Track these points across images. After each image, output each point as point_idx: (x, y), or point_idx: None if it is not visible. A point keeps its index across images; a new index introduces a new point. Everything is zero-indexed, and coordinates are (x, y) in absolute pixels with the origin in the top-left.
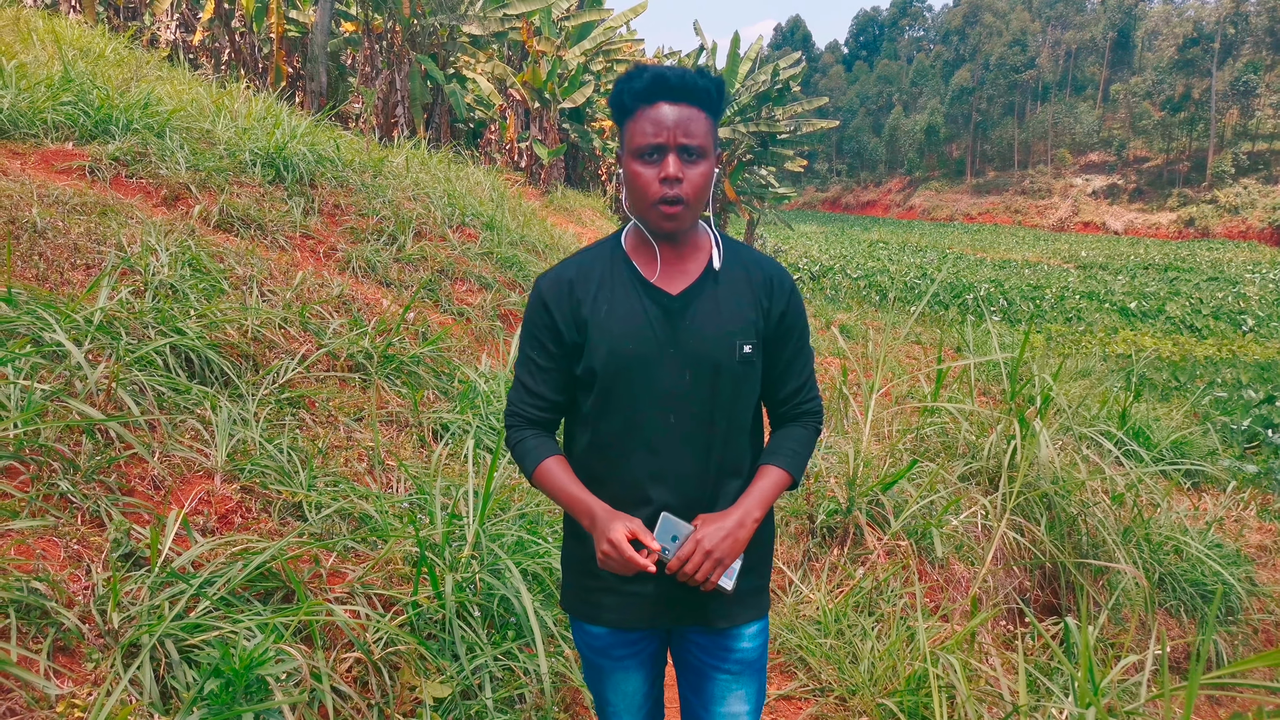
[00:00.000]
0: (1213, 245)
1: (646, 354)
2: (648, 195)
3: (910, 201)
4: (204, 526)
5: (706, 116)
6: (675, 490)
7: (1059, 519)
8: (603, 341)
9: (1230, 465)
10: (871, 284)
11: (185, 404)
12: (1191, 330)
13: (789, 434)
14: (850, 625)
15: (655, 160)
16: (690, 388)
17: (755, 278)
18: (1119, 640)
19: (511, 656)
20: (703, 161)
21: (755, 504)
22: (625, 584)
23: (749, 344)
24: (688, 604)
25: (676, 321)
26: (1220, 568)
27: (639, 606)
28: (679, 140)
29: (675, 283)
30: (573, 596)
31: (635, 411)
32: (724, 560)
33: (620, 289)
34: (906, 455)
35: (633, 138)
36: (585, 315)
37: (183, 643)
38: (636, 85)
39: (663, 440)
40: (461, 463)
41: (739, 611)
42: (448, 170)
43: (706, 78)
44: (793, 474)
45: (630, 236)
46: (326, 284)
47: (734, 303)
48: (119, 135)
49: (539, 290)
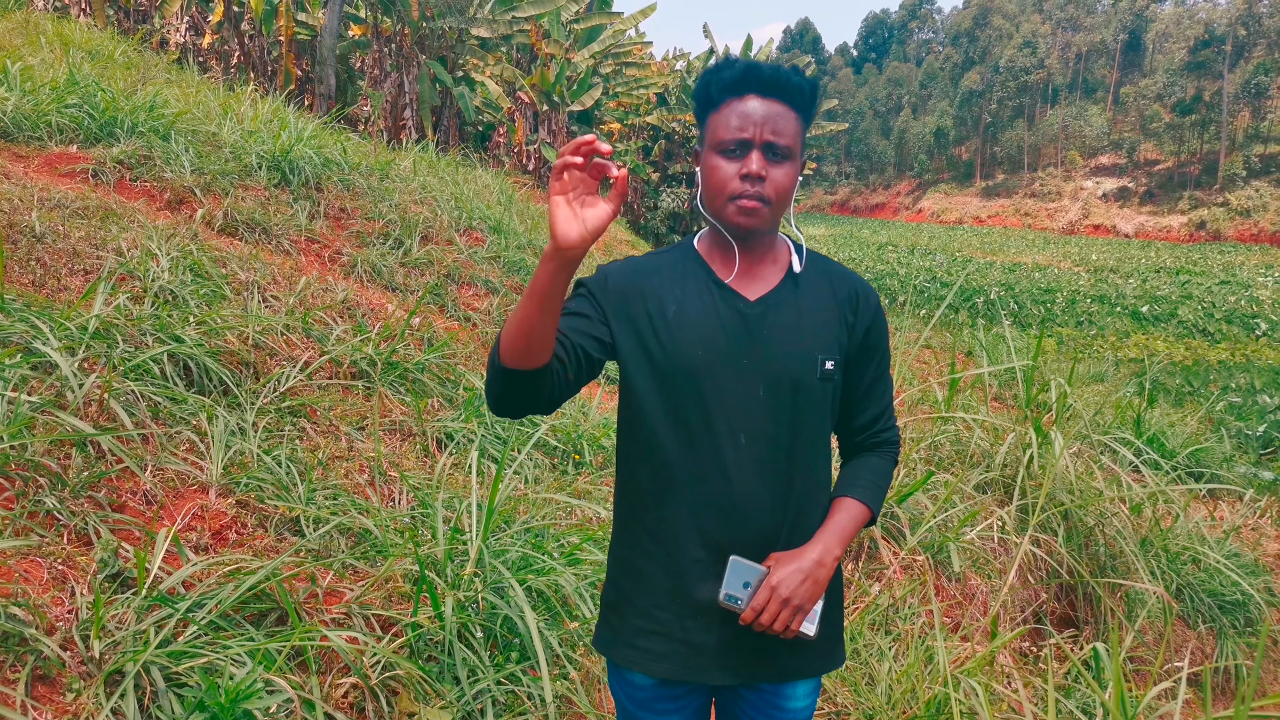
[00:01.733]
0: (1224, 248)
1: (717, 363)
2: (725, 190)
3: (919, 204)
4: (197, 543)
5: (797, 116)
6: (745, 524)
7: (1076, 530)
8: (668, 345)
9: (1246, 472)
10: (881, 287)
11: (181, 414)
12: (1204, 334)
13: (866, 464)
14: (866, 645)
15: (738, 156)
16: (765, 405)
17: (840, 290)
18: (1139, 654)
19: (515, 679)
20: (788, 163)
21: (835, 540)
22: (685, 632)
23: (831, 360)
24: (756, 656)
25: (753, 330)
26: (1239, 578)
27: (697, 657)
28: (766, 137)
29: (753, 287)
30: (615, 639)
31: (703, 429)
32: (804, 606)
33: (692, 289)
34: (921, 465)
35: (715, 131)
36: (650, 312)
37: (171, 669)
38: (726, 76)
39: (733, 464)
40: (465, 474)
41: (809, 663)
42: (455, 173)
43: (801, 76)
44: (872, 508)
45: (704, 239)
46: (331, 289)
47: (817, 314)
48: (124, 138)
49: (603, 270)
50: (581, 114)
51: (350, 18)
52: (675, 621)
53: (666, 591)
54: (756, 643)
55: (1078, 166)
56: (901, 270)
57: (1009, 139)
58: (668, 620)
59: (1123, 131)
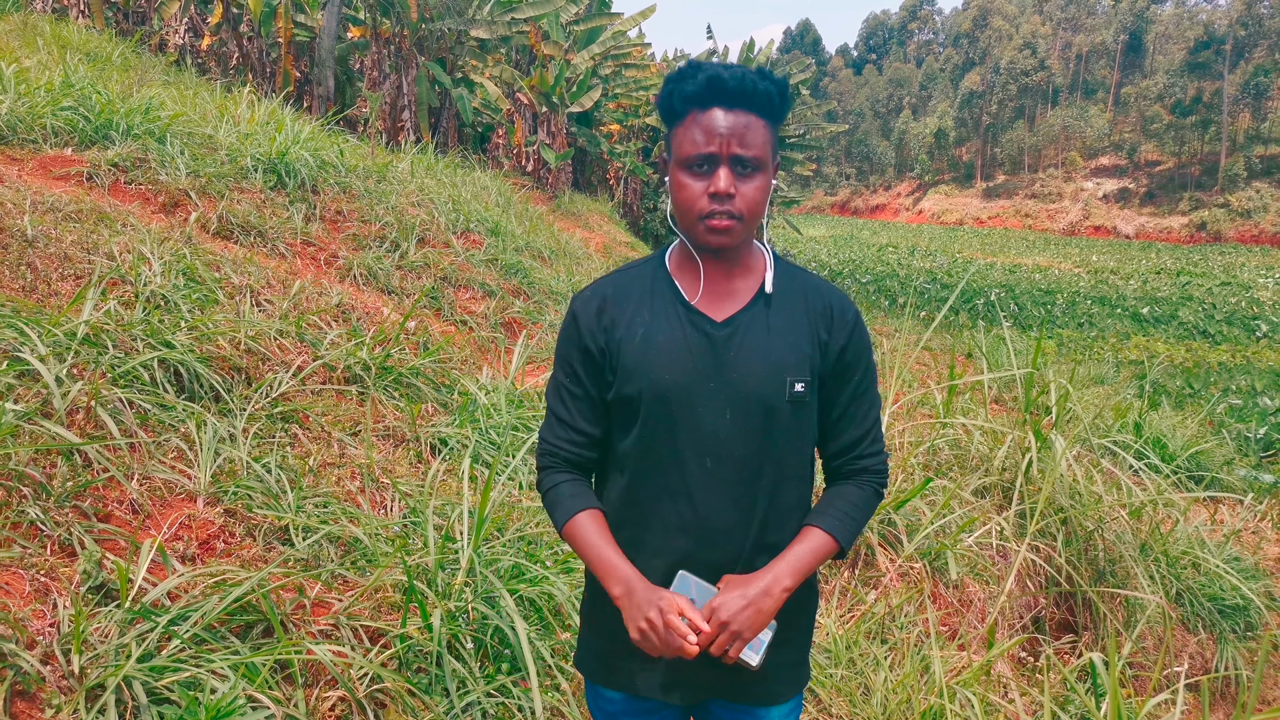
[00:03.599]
0: (1225, 249)
1: (684, 387)
2: (694, 209)
3: (920, 205)
4: (183, 553)
5: (766, 124)
6: (710, 546)
7: (1075, 535)
8: (636, 370)
9: (1246, 475)
10: (881, 289)
11: (170, 421)
12: (1204, 336)
13: (842, 493)
14: (862, 654)
15: (705, 172)
16: (732, 428)
17: (814, 305)
18: (1139, 660)
19: (505, 691)
20: (759, 174)
21: (787, 571)
22: (646, 653)
23: (801, 381)
24: (717, 677)
25: (720, 351)
26: (1239, 582)
27: (663, 675)
28: (733, 150)
29: (721, 307)
30: (591, 658)
31: (670, 453)
32: (742, 634)
33: (659, 311)
34: (919, 470)
35: (680, 145)
36: (619, 338)
37: (152, 684)
38: (688, 87)
39: (699, 488)
40: (458, 480)
41: (772, 689)
42: (453, 175)
43: (768, 79)
44: (839, 540)
45: (675, 254)
46: (325, 292)
47: (787, 333)
48: (119, 141)
49: (572, 309)
50: (581, 115)
51: (349, 19)
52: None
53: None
54: (702, 664)
55: (1078, 167)
56: (902, 272)
57: (1009, 140)
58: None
59: (1123, 132)
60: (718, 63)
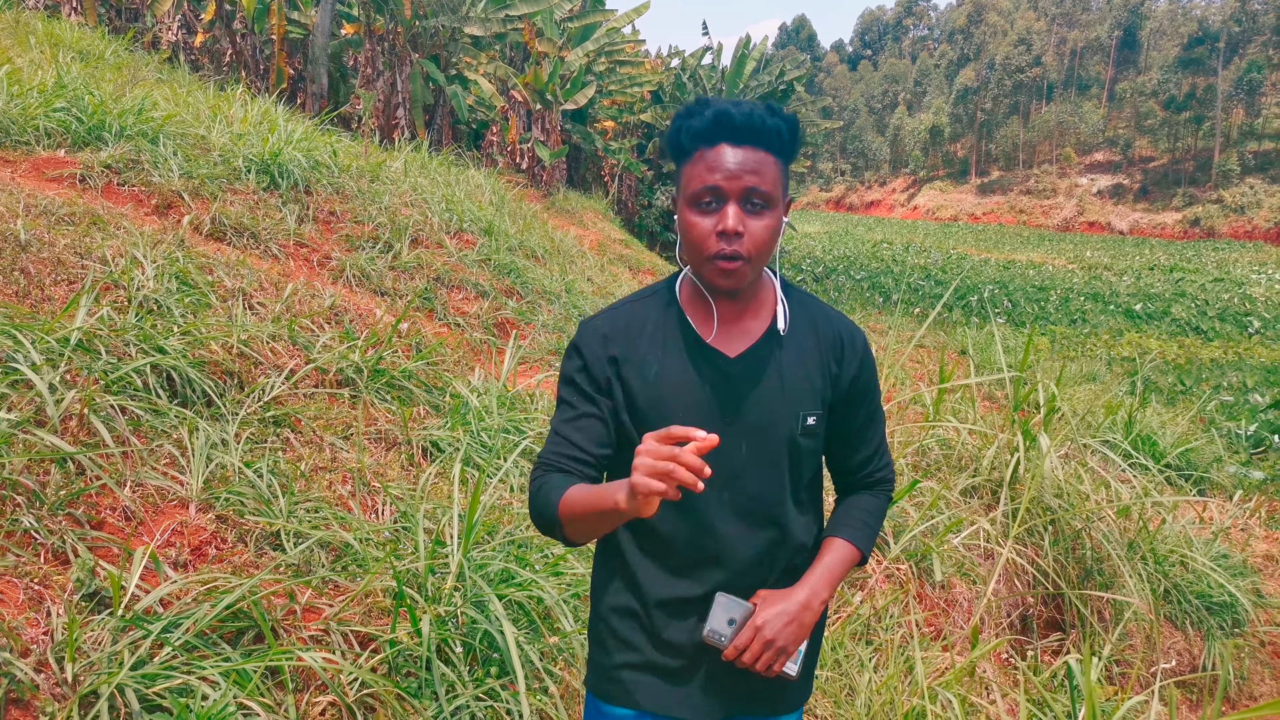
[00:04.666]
0: (1218, 245)
1: (698, 423)
2: (703, 249)
3: (914, 201)
4: (176, 560)
5: (776, 161)
6: (733, 575)
7: (1063, 534)
8: (651, 408)
9: (1236, 472)
10: (875, 285)
11: (163, 427)
12: (1197, 332)
13: (858, 503)
14: (847, 655)
15: (713, 209)
16: (747, 463)
17: (824, 337)
18: (1126, 657)
19: (494, 695)
20: (768, 213)
21: (822, 583)
22: (665, 666)
23: (814, 415)
24: (739, 692)
25: (735, 388)
26: (1225, 580)
27: (676, 691)
28: (741, 187)
29: (734, 343)
30: (599, 674)
31: (686, 491)
32: (787, 648)
33: (672, 348)
34: (908, 471)
35: (689, 183)
36: (628, 376)
37: (147, 690)
38: (696, 124)
39: (717, 520)
40: (450, 484)
41: (789, 697)
42: (447, 174)
43: (778, 116)
44: (861, 549)
45: (686, 286)
46: (318, 294)
47: (800, 368)
48: (112, 142)
49: (582, 336)
50: (575, 113)
51: (343, 16)
52: (655, 657)
53: (648, 630)
54: (735, 679)
55: (1073, 163)
56: (896, 268)
57: (1004, 136)
58: (647, 656)
59: (1117, 128)
60: (726, 99)
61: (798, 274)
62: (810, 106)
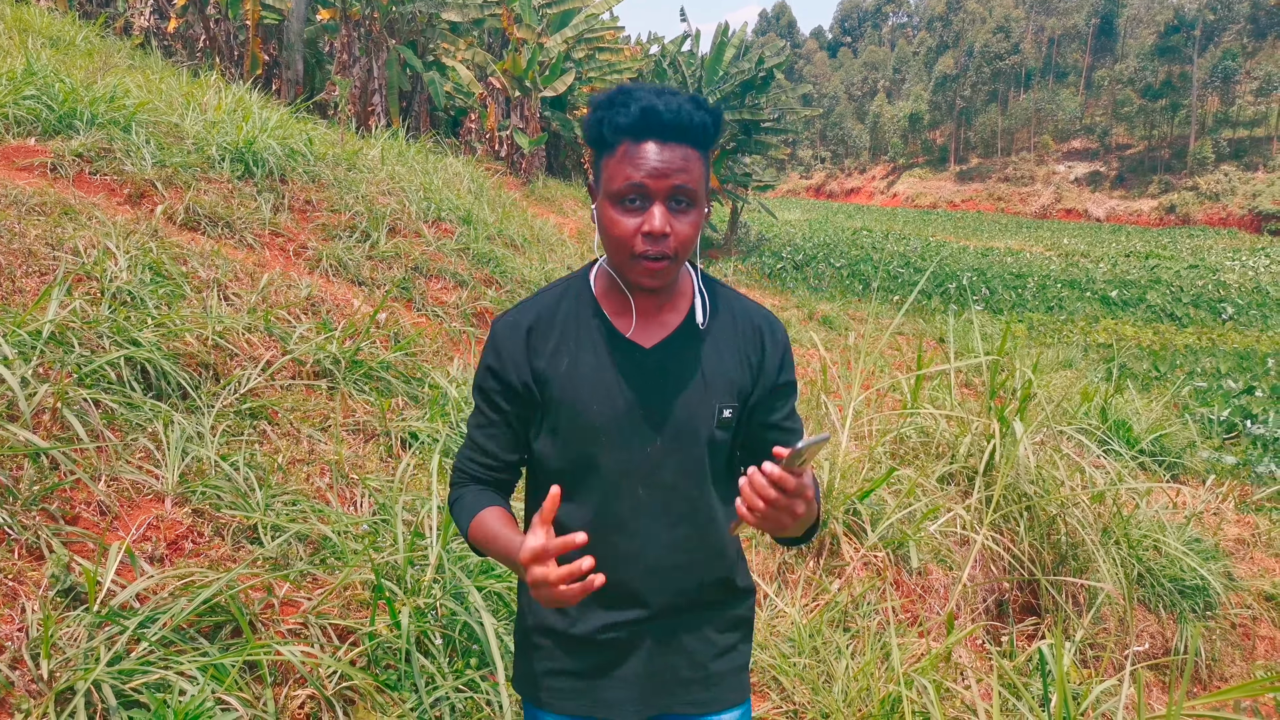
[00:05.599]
0: (1193, 232)
1: (613, 416)
2: (625, 248)
3: (894, 189)
4: (152, 555)
5: (700, 156)
6: (649, 572)
7: (1038, 520)
8: (564, 401)
9: (1209, 457)
10: (855, 273)
11: (137, 420)
12: (1172, 318)
13: None
14: (825, 643)
15: (638, 207)
16: (662, 456)
17: (743, 328)
18: (1100, 640)
19: (474, 686)
20: (693, 210)
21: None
22: (586, 669)
23: (729, 408)
24: (663, 689)
25: (650, 381)
26: (1197, 564)
27: (604, 693)
28: (668, 186)
29: (650, 334)
30: (527, 680)
31: (601, 483)
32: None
33: (586, 340)
34: (885, 459)
35: (612, 179)
36: (543, 368)
37: (124, 686)
38: (620, 118)
39: (631, 516)
40: (429, 475)
41: (721, 695)
42: (425, 162)
43: (704, 109)
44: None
45: (601, 278)
46: (295, 285)
47: (716, 360)
48: (83, 130)
49: (494, 336)
50: (555, 100)
51: (318, 1)
52: (579, 661)
53: (566, 632)
54: (663, 677)
55: (1050, 151)
56: (876, 256)
57: (983, 123)
58: (570, 660)
59: (1094, 116)
60: (650, 89)
61: (778, 262)
62: (790, 94)
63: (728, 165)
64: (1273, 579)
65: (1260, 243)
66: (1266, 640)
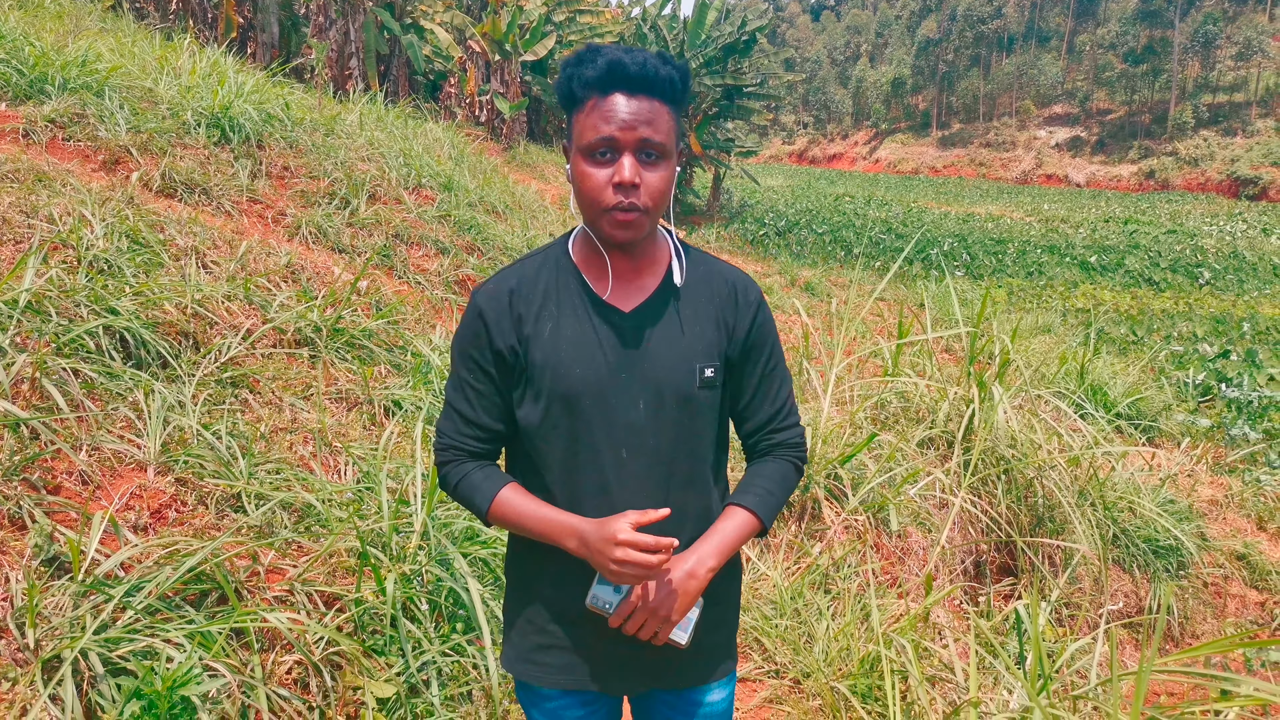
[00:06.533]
0: (1172, 197)
1: (596, 381)
2: (598, 201)
3: (876, 154)
4: (135, 524)
5: (669, 110)
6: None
7: (1015, 483)
8: (547, 366)
9: (1184, 420)
10: (837, 239)
11: (117, 390)
12: (1150, 283)
13: (761, 470)
14: (806, 605)
15: (609, 160)
16: (645, 419)
17: (718, 289)
18: (1075, 599)
19: (460, 650)
20: (663, 163)
21: (711, 552)
22: (577, 644)
23: (711, 367)
24: (654, 663)
25: (630, 344)
26: (1171, 525)
27: (594, 668)
28: (637, 138)
29: (629, 298)
30: (517, 657)
31: (585, 447)
32: (670, 618)
33: (567, 305)
34: (866, 424)
35: (582, 133)
36: (527, 334)
37: (110, 653)
38: (587, 73)
39: (616, 480)
40: (412, 443)
41: (705, 668)
42: (404, 127)
43: (670, 64)
44: (761, 518)
45: (579, 244)
46: (274, 252)
47: (694, 321)
48: (55, 95)
49: (475, 304)
50: (535, 64)
51: None
52: (569, 634)
53: (556, 605)
54: (653, 652)
55: (1032, 116)
56: (858, 222)
57: (965, 88)
58: (561, 633)
59: (1076, 81)
60: (617, 46)
61: (760, 228)
62: (773, 58)
63: (710, 131)
64: (1244, 539)
65: (1238, 208)
66: (1237, 599)
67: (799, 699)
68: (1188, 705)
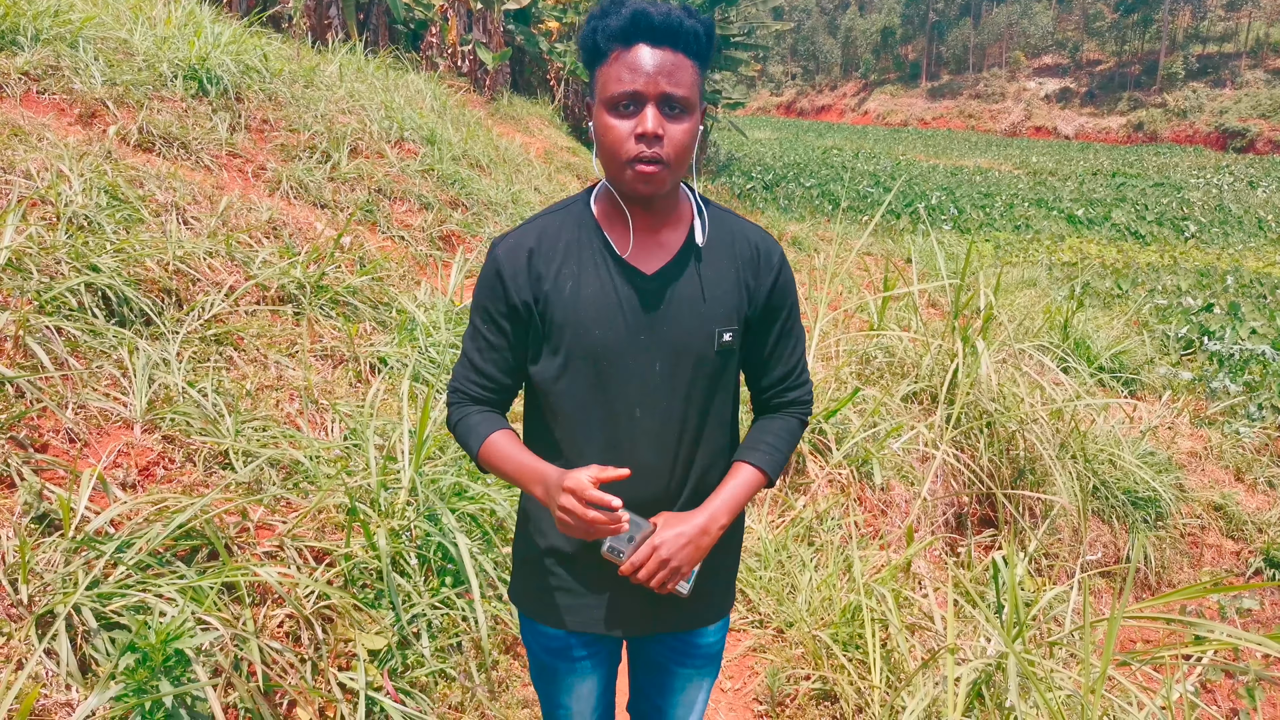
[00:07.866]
0: (1160, 150)
1: (614, 341)
2: (621, 153)
3: (865, 106)
4: (124, 481)
5: (694, 64)
6: (637, 488)
7: (997, 436)
8: (566, 324)
9: (1166, 373)
10: (824, 193)
11: (101, 347)
12: (1135, 236)
13: (769, 426)
14: (790, 557)
15: (632, 112)
16: (661, 380)
17: (741, 251)
18: (1054, 550)
19: (449, 604)
20: (687, 117)
21: (723, 508)
22: (584, 587)
23: (730, 331)
24: (655, 608)
25: (650, 306)
26: (1150, 476)
27: (599, 611)
28: (660, 89)
29: (650, 259)
30: (526, 594)
31: (599, 406)
32: (681, 569)
33: (588, 263)
34: (851, 379)
35: (606, 85)
36: (546, 290)
37: (103, 609)
38: (612, 24)
39: (627, 438)
40: (399, 400)
41: (707, 612)
42: (386, 79)
43: (695, 17)
44: (768, 473)
45: (601, 200)
46: (255, 208)
47: (716, 283)
48: (28, 47)
49: (495, 257)
50: (518, 13)
51: None
52: (577, 578)
53: (568, 550)
54: (658, 598)
55: (1021, 67)
56: (846, 175)
57: (955, 38)
58: (568, 577)
59: (1066, 31)
60: (641, 1)
61: (748, 182)
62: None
63: None
64: (1222, 490)
65: (1225, 160)
66: (1214, 548)
67: (782, 647)
68: (1161, 650)
